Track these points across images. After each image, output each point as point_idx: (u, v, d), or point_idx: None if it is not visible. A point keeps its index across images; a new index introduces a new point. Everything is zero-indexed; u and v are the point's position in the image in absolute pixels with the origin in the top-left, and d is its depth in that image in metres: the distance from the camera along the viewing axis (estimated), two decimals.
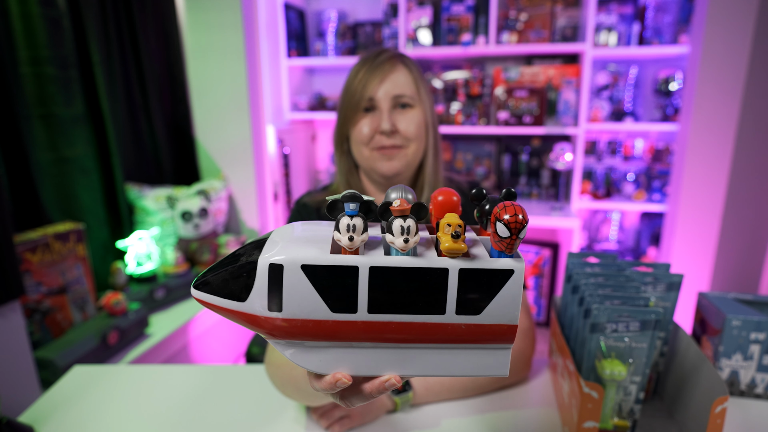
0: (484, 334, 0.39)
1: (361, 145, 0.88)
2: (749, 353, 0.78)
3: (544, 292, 2.53)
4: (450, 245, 0.36)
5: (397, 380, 0.40)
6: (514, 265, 0.38)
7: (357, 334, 0.39)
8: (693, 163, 2.00)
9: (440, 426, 0.75)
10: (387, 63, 0.86)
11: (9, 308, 1.04)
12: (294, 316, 0.38)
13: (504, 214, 0.36)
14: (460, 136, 2.62)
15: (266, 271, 0.38)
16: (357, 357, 0.40)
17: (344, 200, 0.37)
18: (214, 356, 1.77)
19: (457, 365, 0.41)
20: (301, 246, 0.39)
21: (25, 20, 1.34)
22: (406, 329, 0.39)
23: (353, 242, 0.36)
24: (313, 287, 0.38)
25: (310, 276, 0.37)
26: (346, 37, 2.67)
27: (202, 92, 2.05)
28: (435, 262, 0.37)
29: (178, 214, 1.74)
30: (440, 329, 0.39)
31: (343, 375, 0.40)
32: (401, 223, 0.36)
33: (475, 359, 0.40)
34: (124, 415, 0.80)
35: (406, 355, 0.40)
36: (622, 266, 0.78)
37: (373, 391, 0.41)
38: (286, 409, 0.79)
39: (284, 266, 0.37)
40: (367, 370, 0.41)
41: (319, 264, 0.37)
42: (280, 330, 0.39)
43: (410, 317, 0.38)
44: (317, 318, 0.38)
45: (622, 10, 2.30)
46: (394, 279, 0.37)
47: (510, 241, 0.36)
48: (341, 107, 0.90)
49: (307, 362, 0.41)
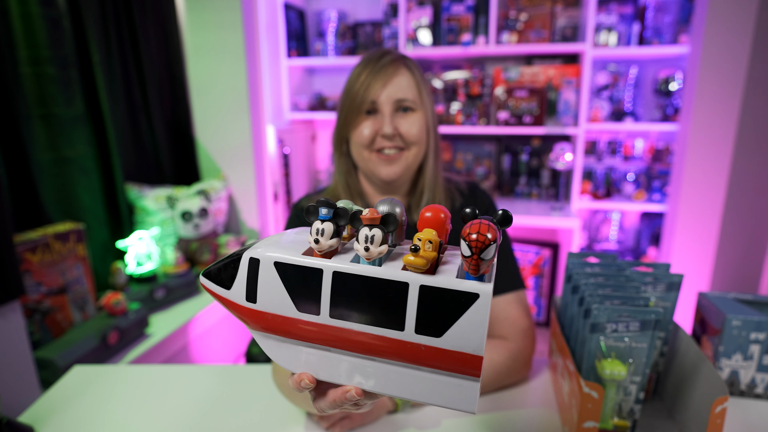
0: (445, 360, 0.37)
1: (361, 148, 0.88)
2: (749, 353, 0.78)
3: (544, 292, 2.53)
4: (408, 259, 0.36)
5: (358, 393, 0.39)
6: (479, 289, 0.35)
7: (319, 337, 0.40)
8: (693, 163, 2.00)
9: (440, 426, 0.75)
10: (390, 66, 0.86)
11: (9, 308, 1.04)
12: (266, 309, 0.41)
13: (470, 233, 0.34)
14: (460, 136, 2.62)
15: (246, 263, 0.41)
16: (322, 360, 0.41)
17: (318, 205, 0.39)
18: (214, 356, 1.77)
19: (420, 390, 0.39)
20: (282, 246, 0.41)
21: (25, 20, 1.34)
22: (366, 340, 0.38)
23: (319, 245, 0.38)
24: (283, 284, 0.40)
25: (281, 273, 0.40)
26: (346, 37, 2.67)
27: (202, 92, 2.05)
28: (396, 274, 0.37)
29: (178, 214, 1.74)
30: (400, 346, 0.37)
31: (307, 376, 0.41)
32: (366, 232, 0.37)
33: (441, 388, 0.38)
34: (124, 415, 0.80)
35: (369, 368, 0.39)
36: (622, 266, 0.78)
37: (336, 399, 0.41)
38: (286, 408, 0.79)
39: (260, 261, 0.40)
40: (331, 376, 0.41)
41: (288, 262, 0.39)
42: (255, 320, 0.42)
43: (370, 329, 0.38)
44: (285, 314, 0.40)
45: (622, 10, 2.30)
46: (355, 286, 0.38)
47: (471, 260, 0.34)
48: (342, 109, 0.89)
49: (278, 357, 0.42)
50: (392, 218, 0.37)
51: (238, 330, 1.93)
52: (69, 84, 1.45)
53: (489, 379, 0.81)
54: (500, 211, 0.37)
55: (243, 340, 1.96)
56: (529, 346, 0.86)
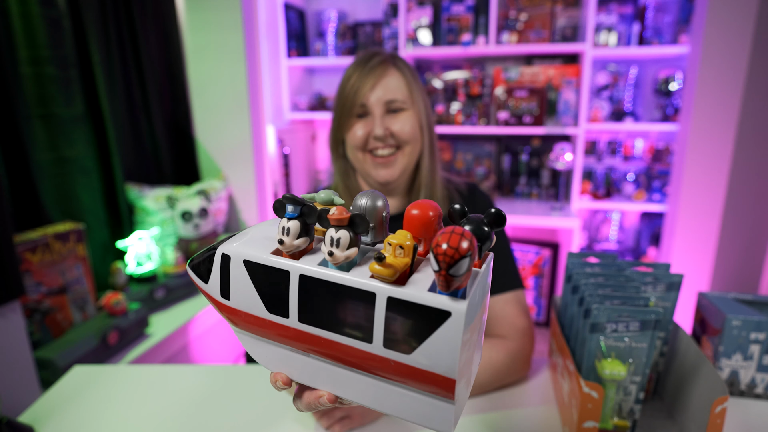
0: (416, 379, 0.34)
1: (355, 150, 0.89)
2: (749, 353, 0.78)
3: (544, 292, 2.53)
4: (373, 267, 0.32)
5: (330, 399, 0.38)
6: (451, 307, 0.31)
7: (290, 340, 0.38)
8: (693, 163, 2.00)
9: None
10: (378, 67, 0.86)
11: (9, 308, 1.04)
12: (239, 307, 0.40)
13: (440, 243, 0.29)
14: (460, 136, 2.62)
15: (219, 259, 0.40)
16: (296, 363, 0.39)
17: (284, 201, 0.36)
18: (214, 356, 1.77)
19: (393, 404, 0.36)
20: (255, 242, 0.39)
21: (25, 20, 1.34)
22: (335, 348, 0.36)
23: (284, 245, 0.36)
24: (252, 284, 0.38)
25: (250, 272, 0.38)
26: (346, 37, 2.67)
27: (202, 92, 2.05)
28: (363, 282, 0.33)
29: (178, 214, 1.74)
30: (368, 358, 0.35)
31: (281, 377, 0.40)
32: (332, 234, 0.34)
33: (415, 405, 0.35)
34: (124, 415, 0.80)
35: (342, 376, 0.37)
36: (622, 266, 0.78)
37: (310, 402, 0.40)
38: (286, 408, 0.79)
39: (231, 258, 0.39)
40: (304, 378, 0.40)
41: (256, 261, 0.38)
42: (230, 317, 0.41)
43: (338, 337, 0.35)
44: (256, 314, 0.39)
45: (622, 10, 2.30)
46: (322, 292, 0.35)
47: (440, 276, 0.30)
48: (335, 112, 0.90)
49: (255, 353, 0.42)
50: (360, 219, 0.34)
51: None
52: (69, 84, 1.45)
53: (488, 378, 0.81)
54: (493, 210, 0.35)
55: None
56: (528, 346, 0.86)
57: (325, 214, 0.35)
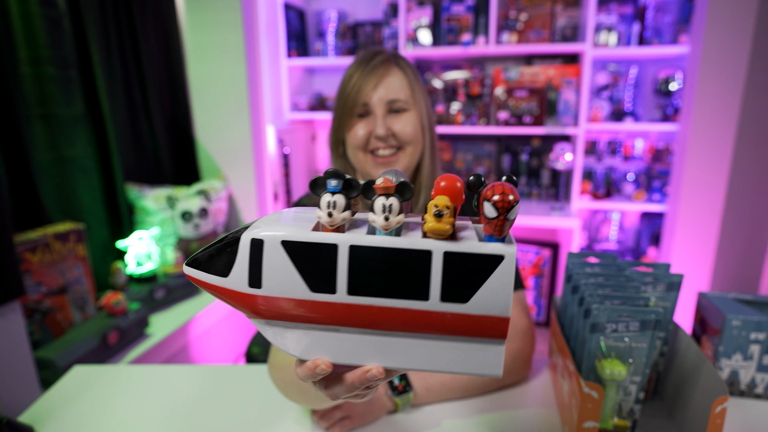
0: (472, 326, 0.36)
1: (356, 150, 0.88)
2: (749, 353, 0.78)
3: (544, 292, 2.53)
4: (433, 225, 0.35)
5: (380, 371, 0.38)
6: (504, 250, 0.35)
7: (337, 317, 0.37)
8: (693, 163, 2.00)
9: (440, 426, 0.75)
10: (381, 67, 0.85)
11: (9, 308, 1.04)
12: (273, 294, 0.38)
13: (492, 194, 0.34)
14: (460, 136, 2.62)
15: (248, 246, 0.37)
16: (338, 343, 0.38)
17: (326, 177, 0.36)
18: (214, 356, 1.77)
19: (444, 360, 0.38)
20: (285, 225, 0.38)
21: (25, 20, 1.34)
22: (387, 315, 0.36)
23: (332, 218, 0.36)
24: (293, 264, 0.37)
25: (290, 253, 0.37)
26: (346, 37, 2.67)
27: (202, 92, 2.05)
28: (418, 243, 0.35)
29: (178, 214, 1.74)
30: (424, 317, 0.36)
31: (322, 361, 0.38)
32: (383, 201, 0.35)
33: (465, 355, 0.37)
34: (124, 415, 0.80)
35: (390, 344, 0.38)
36: (622, 266, 0.78)
37: (355, 381, 0.39)
38: (286, 409, 0.79)
39: (265, 241, 0.37)
40: (348, 358, 0.39)
41: (298, 240, 0.36)
42: (259, 308, 0.39)
43: (392, 302, 0.36)
44: (296, 297, 0.37)
45: (622, 10, 2.30)
46: (375, 259, 0.36)
47: (498, 221, 0.34)
48: (336, 111, 0.90)
49: (286, 345, 0.39)
50: (407, 187, 0.36)
51: (238, 330, 1.93)
52: (69, 84, 1.45)
53: (489, 379, 0.81)
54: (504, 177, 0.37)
55: (243, 340, 1.96)
56: (528, 346, 0.86)
57: (371, 185, 0.36)
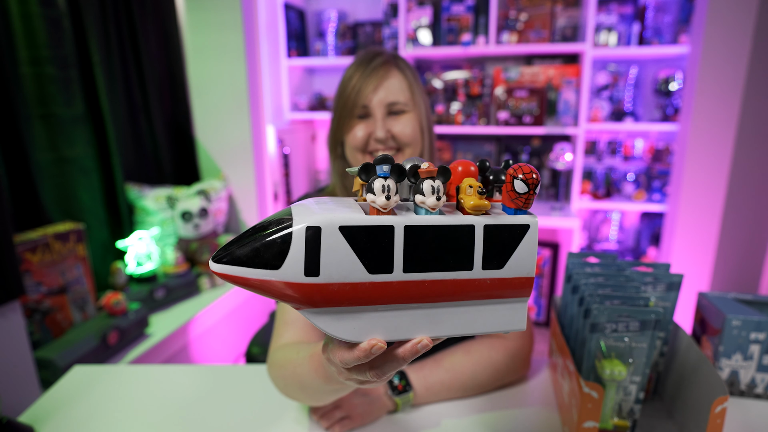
0: (506, 288, 0.42)
1: (355, 151, 0.88)
2: (749, 353, 0.78)
3: (544, 292, 2.53)
4: (476, 202, 0.39)
5: (429, 342, 0.41)
6: (530, 221, 0.41)
7: (392, 296, 0.40)
8: (693, 163, 2.00)
9: (440, 426, 0.75)
10: (381, 68, 0.85)
11: (9, 308, 1.04)
12: (331, 280, 0.38)
13: (520, 173, 0.39)
14: (460, 136, 2.62)
15: (303, 234, 0.37)
16: (390, 321, 0.41)
17: (377, 163, 0.38)
18: (214, 356, 1.77)
19: (480, 322, 0.43)
20: (333, 211, 0.39)
21: (25, 20, 1.34)
22: (438, 287, 0.41)
23: (390, 201, 0.38)
24: (351, 249, 0.38)
25: (348, 237, 0.38)
26: (346, 37, 2.67)
27: (202, 92, 2.05)
28: (463, 219, 0.40)
29: (178, 214, 1.74)
30: (468, 285, 0.41)
31: (378, 340, 0.40)
32: (431, 183, 0.39)
33: (496, 315, 0.43)
34: (124, 415, 0.80)
35: (436, 315, 0.42)
36: (622, 266, 0.78)
37: (407, 354, 0.41)
38: (286, 409, 0.79)
39: (322, 229, 0.38)
40: (400, 334, 0.41)
41: (357, 225, 0.38)
42: (316, 296, 0.39)
43: (442, 275, 0.40)
44: (354, 281, 0.39)
45: (622, 10, 2.30)
46: (427, 237, 0.39)
47: (528, 196, 0.40)
48: (335, 112, 0.89)
49: (340, 330, 0.41)
50: (447, 169, 0.39)
51: (238, 330, 1.93)
52: (69, 84, 1.45)
53: (488, 378, 0.81)
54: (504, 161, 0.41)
55: (243, 340, 1.96)
56: (527, 345, 0.86)
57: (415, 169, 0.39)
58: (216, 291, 1.77)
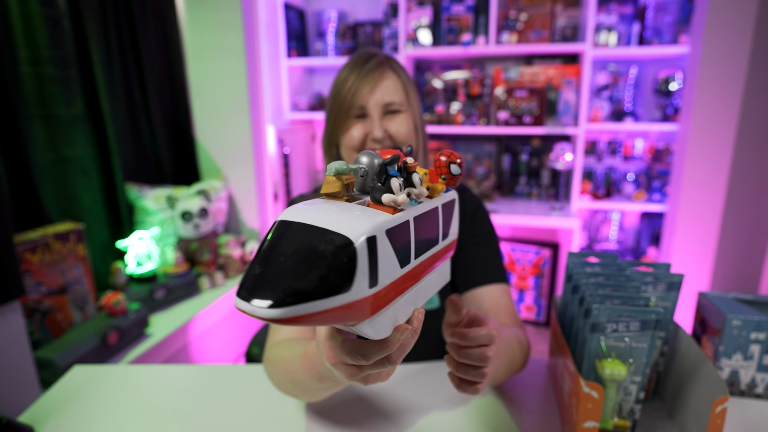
0: (448, 251, 0.52)
1: (351, 151, 0.89)
2: (749, 353, 0.78)
3: (544, 292, 2.53)
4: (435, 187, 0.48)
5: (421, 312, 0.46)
6: (455, 195, 0.52)
7: (408, 282, 0.43)
8: (693, 163, 2.00)
9: (440, 425, 0.75)
10: (376, 70, 0.87)
11: (9, 308, 1.04)
12: (383, 285, 0.38)
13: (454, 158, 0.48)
14: (460, 136, 2.62)
15: (365, 247, 0.35)
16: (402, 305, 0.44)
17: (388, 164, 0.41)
18: (214, 356, 1.77)
19: (435, 282, 0.51)
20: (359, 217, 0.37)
21: (25, 20, 1.34)
22: (427, 263, 0.47)
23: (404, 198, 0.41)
24: (393, 249, 0.39)
25: (391, 239, 0.39)
26: (346, 37, 2.67)
27: (202, 92, 2.05)
28: (433, 203, 0.47)
29: (178, 214, 1.74)
30: (438, 255, 0.49)
31: (403, 326, 0.43)
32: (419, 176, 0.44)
33: (438, 274, 0.52)
34: (124, 415, 0.80)
35: (419, 288, 0.47)
36: (622, 266, 0.78)
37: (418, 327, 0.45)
38: (286, 409, 0.79)
39: (377, 236, 0.36)
40: (408, 313, 0.45)
41: (393, 225, 0.39)
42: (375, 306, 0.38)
43: (430, 251, 0.47)
44: (393, 279, 0.40)
45: (622, 10, 2.30)
46: (422, 223, 0.44)
47: (459, 176, 0.49)
48: (330, 113, 0.91)
49: (380, 332, 0.41)
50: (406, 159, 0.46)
51: (238, 330, 1.93)
52: (69, 84, 1.45)
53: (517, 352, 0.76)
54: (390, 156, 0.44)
55: (243, 340, 1.96)
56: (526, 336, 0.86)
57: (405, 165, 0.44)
58: (216, 291, 1.77)
